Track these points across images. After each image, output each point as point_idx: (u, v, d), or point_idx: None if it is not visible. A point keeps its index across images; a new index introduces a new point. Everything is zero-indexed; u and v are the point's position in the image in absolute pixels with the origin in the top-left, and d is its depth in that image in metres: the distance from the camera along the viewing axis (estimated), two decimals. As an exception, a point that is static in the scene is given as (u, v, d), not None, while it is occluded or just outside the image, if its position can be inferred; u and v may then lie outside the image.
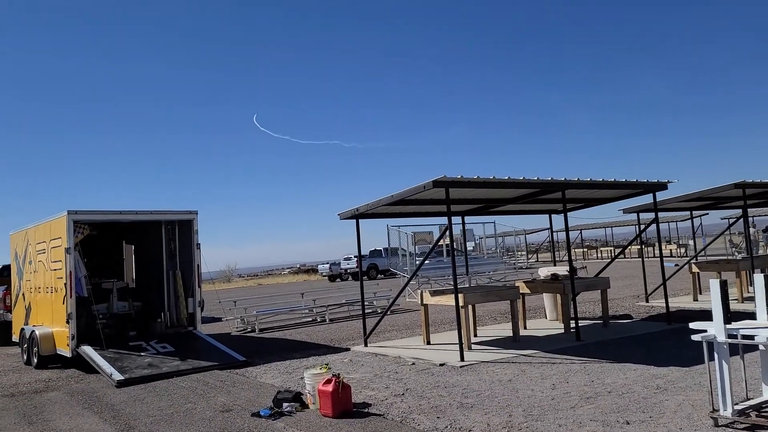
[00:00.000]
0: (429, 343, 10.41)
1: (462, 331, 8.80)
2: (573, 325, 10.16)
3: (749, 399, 5.17)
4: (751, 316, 5.49)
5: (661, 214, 13.22)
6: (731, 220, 20.44)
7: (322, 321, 15.63)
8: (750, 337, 4.74)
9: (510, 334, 10.26)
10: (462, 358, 8.55)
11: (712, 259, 17.94)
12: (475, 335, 10.88)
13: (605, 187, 10.53)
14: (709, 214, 28.57)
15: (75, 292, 9.97)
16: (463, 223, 14.21)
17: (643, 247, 23.36)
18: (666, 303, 11.20)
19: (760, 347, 4.96)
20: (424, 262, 11.45)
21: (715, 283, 4.89)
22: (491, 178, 8.93)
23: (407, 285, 11.43)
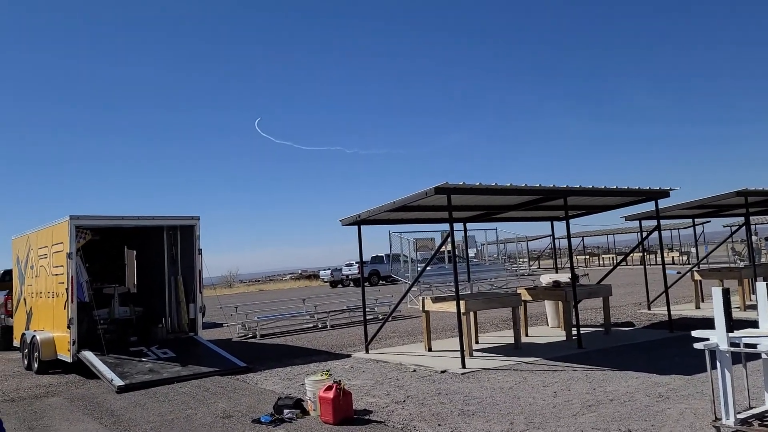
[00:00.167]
0: (430, 349, 10.39)
1: (463, 338, 8.79)
2: (575, 332, 10.13)
3: (752, 408, 5.15)
4: (754, 324, 5.47)
5: (663, 222, 13.21)
6: (733, 228, 20.40)
7: (323, 327, 15.61)
8: (753, 345, 4.72)
9: (512, 341, 10.23)
10: (463, 365, 8.53)
11: (714, 266, 17.89)
12: (477, 342, 10.86)
13: (607, 194, 10.53)
14: (711, 221, 28.50)
15: (76, 297, 9.98)
16: (465, 230, 14.20)
17: (645, 254, 23.31)
18: (668, 311, 11.17)
19: (763, 356, 4.94)
20: (426, 269, 11.44)
21: (717, 291, 4.88)
22: (493, 184, 8.94)
23: (409, 291, 11.43)
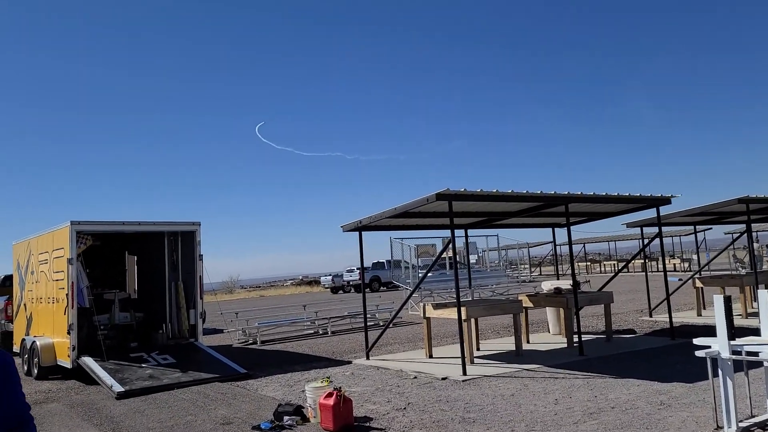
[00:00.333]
0: (431, 356, 10.36)
1: (464, 344, 8.76)
2: (576, 339, 10.09)
3: (754, 416, 5.12)
4: (756, 332, 5.45)
5: (664, 229, 13.16)
6: (735, 235, 20.37)
7: (324, 333, 15.58)
8: (754, 353, 4.71)
9: (513, 348, 10.20)
10: (464, 372, 8.50)
11: (715, 274, 17.86)
12: (478, 349, 10.83)
13: (608, 201, 10.53)
14: (712, 228, 28.46)
15: (76, 302, 9.97)
16: (466, 236, 14.20)
17: (647, 261, 23.25)
18: (669, 318, 11.13)
19: (765, 364, 4.92)
20: (427, 275, 11.41)
21: (719, 299, 4.87)
22: (494, 191, 8.94)
23: (410, 298, 11.40)
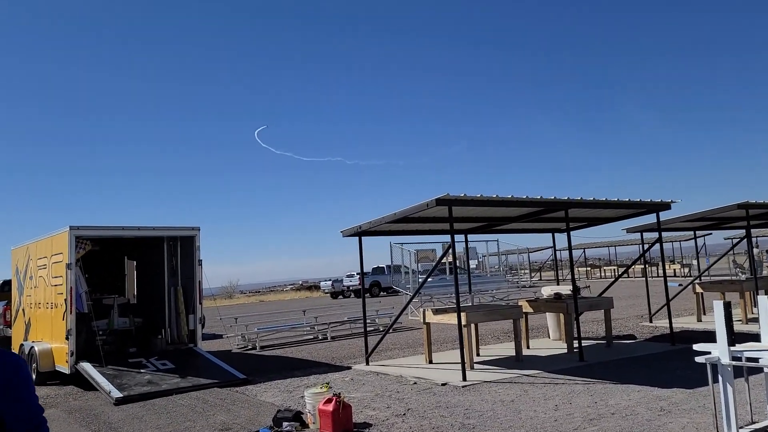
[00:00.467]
0: (431, 362, 10.33)
1: (464, 350, 8.74)
2: (576, 345, 10.07)
3: (754, 423, 5.10)
4: (756, 337, 5.43)
5: (664, 234, 13.16)
6: (735, 241, 20.36)
7: (323, 339, 15.54)
8: (754, 359, 4.69)
9: (513, 353, 10.18)
10: (464, 378, 8.48)
11: (715, 279, 17.83)
12: (478, 354, 10.80)
13: (608, 206, 10.53)
14: (712, 234, 28.46)
15: (75, 308, 9.94)
16: (466, 241, 14.19)
17: (647, 266, 23.25)
18: (670, 323, 11.11)
19: (765, 370, 4.90)
20: (427, 280, 11.40)
21: (719, 305, 4.85)
22: (494, 196, 8.94)
23: (410, 303, 11.39)
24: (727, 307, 4.84)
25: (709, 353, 4.92)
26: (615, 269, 44.88)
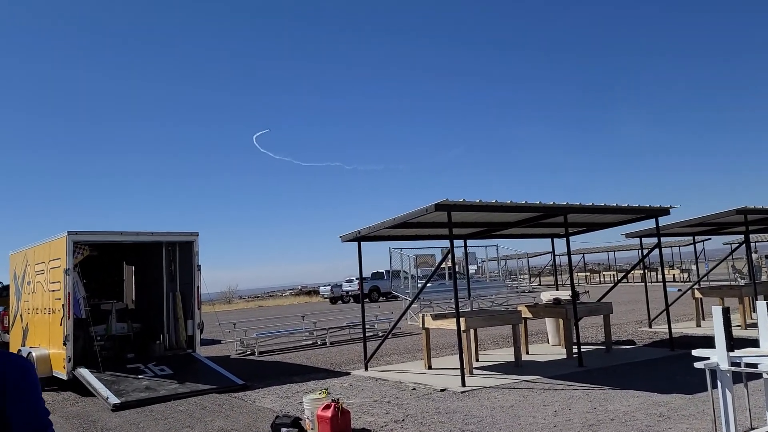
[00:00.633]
0: (430, 367, 10.30)
1: (463, 355, 8.72)
2: (575, 350, 10.05)
3: (753, 428, 5.09)
4: (755, 343, 5.42)
5: (663, 239, 13.17)
6: (734, 246, 20.36)
7: (322, 344, 15.51)
8: (753, 365, 4.68)
9: (512, 358, 10.15)
10: (463, 384, 8.46)
11: (715, 284, 17.82)
12: (477, 360, 10.77)
13: (607, 211, 10.53)
14: (711, 239, 28.46)
15: (73, 313, 9.92)
16: (465, 246, 14.17)
17: (646, 271, 23.22)
18: (669, 329, 11.10)
19: (764, 375, 4.89)
20: (426, 285, 11.39)
21: (718, 311, 4.85)
22: (493, 201, 8.94)
23: (409, 308, 11.37)
24: (726, 312, 4.84)
25: (708, 359, 4.91)
26: (614, 274, 44.87)
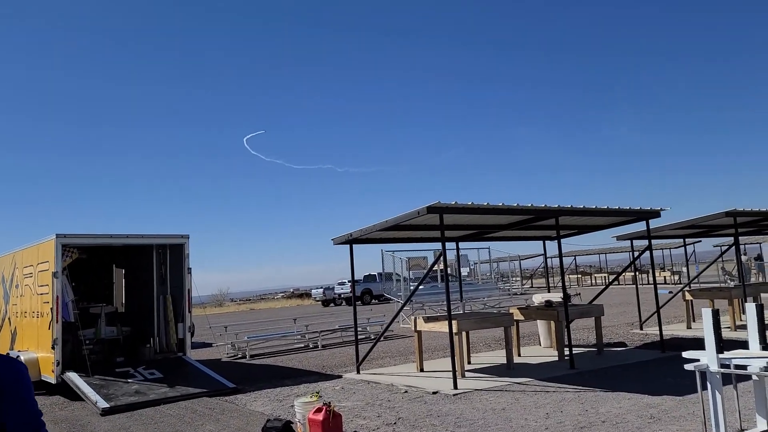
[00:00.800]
0: (422, 370, 10.29)
1: (455, 358, 8.71)
2: (567, 352, 10.07)
3: (743, 430, 5.11)
4: (744, 344, 5.45)
5: (654, 241, 13.22)
6: (723, 248, 20.51)
7: (314, 347, 15.46)
8: (743, 366, 4.70)
9: (504, 361, 10.16)
10: (455, 386, 8.45)
11: (705, 286, 17.93)
12: (469, 362, 10.77)
13: (598, 214, 10.56)
14: (702, 241, 28.65)
15: (61, 316, 9.83)
16: (458, 249, 14.19)
17: (637, 273, 23.34)
18: (660, 331, 11.14)
19: (753, 377, 4.91)
20: (419, 288, 11.38)
21: (708, 313, 4.86)
22: (485, 204, 8.94)
23: (401, 311, 11.35)
24: (716, 314, 4.86)
25: (698, 360, 4.92)
26: (606, 276, 45.05)
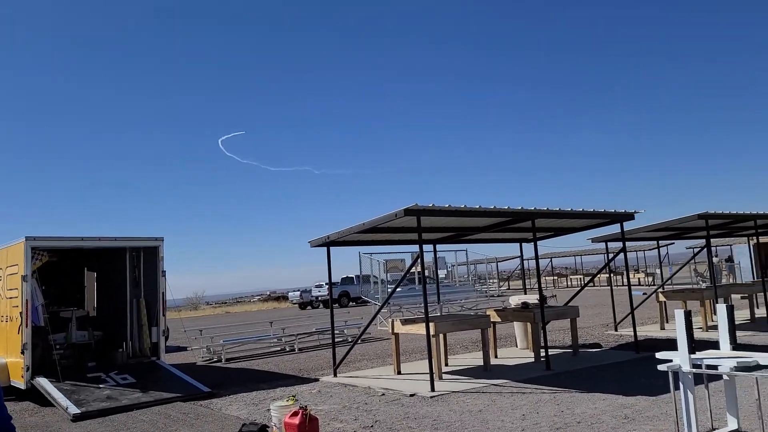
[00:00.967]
0: (400, 372, 10.27)
1: (433, 360, 8.71)
2: (543, 353, 10.15)
3: (714, 429, 5.19)
4: (716, 345, 5.54)
5: (628, 243, 13.44)
6: (696, 250, 20.93)
7: (291, 350, 15.34)
8: (714, 367, 4.78)
9: (481, 362, 10.20)
10: (432, 389, 8.44)
11: (678, 288, 18.28)
12: (446, 364, 10.79)
13: (573, 216, 10.68)
14: (675, 243, 29.23)
15: (31, 321, 9.60)
16: (435, 251, 14.21)
17: (612, 275, 23.71)
18: (634, 332, 11.30)
19: (724, 377, 5.00)
20: (396, 290, 11.38)
21: (680, 314, 4.94)
22: (462, 206, 8.97)
23: (378, 313, 11.32)
24: (688, 315, 4.93)
25: (670, 361, 4.99)
26: (581, 278, 45.65)
